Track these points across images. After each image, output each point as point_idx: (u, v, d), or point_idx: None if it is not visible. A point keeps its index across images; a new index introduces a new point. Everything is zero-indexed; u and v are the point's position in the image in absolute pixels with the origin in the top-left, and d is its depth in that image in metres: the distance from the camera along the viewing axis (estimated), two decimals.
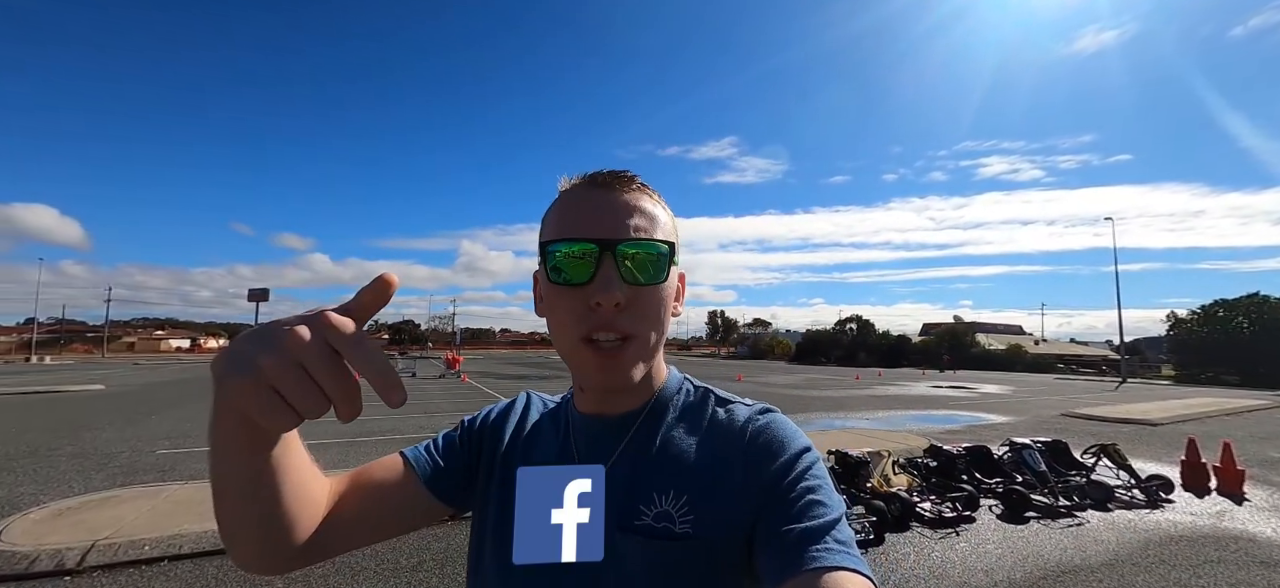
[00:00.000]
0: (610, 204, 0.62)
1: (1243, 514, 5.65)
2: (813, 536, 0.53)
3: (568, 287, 0.60)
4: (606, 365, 0.60)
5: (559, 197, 0.66)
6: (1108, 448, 6.44)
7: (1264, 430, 11.98)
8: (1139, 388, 28.27)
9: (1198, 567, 4.25)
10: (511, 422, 0.77)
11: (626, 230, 0.61)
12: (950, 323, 71.54)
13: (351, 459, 7.22)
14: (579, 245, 0.60)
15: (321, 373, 0.40)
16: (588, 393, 0.70)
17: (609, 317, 0.59)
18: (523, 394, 0.83)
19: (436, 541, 4.35)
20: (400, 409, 3.34)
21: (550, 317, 0.64)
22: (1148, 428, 11.93)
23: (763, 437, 0.63)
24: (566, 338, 0.62)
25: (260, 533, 0.55)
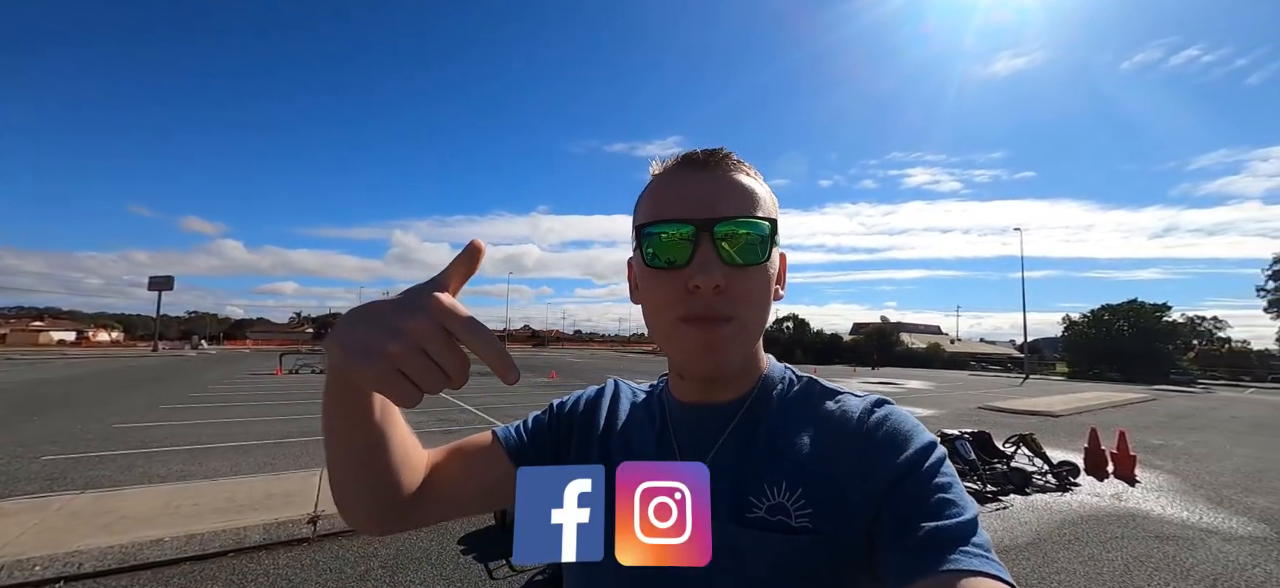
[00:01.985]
0: (707, 183, 0.59)
1: (1136, 495, 6.33)
2: (949, 536, 0.49)
3: (664, 269, 0.58)
4: (707, 344, 0.57)
5: (652, 180, 0.64)
6: (1026, 438, 7.02)
7: (1145, 421, 13.54)
8: (1039, 383, 31.19)
9: (1105, 543, 4.71)
10: (603, 409, 0.74)
11: (725, 209, 0.57)
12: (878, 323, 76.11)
13: (274, 458, 6.67)
14: (675, 227, 0.57)
15: (442, 355, 0.43)
16: (687, 381, 0.66)
17: (708, 300, 0.56)
18: (611, 381, 0.80)
19: (385, 547, 4.09)
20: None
21: (646, 302, 0.62)
22: (1051, 419, 13.17)
23: (883, 429, 0.59)
24: (663, 322, 0.60)
25: (371, 496, 0.60)
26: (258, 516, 4.37)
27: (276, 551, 3.96)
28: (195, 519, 4.26)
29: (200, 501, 4.72)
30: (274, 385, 16.91)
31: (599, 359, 44.22)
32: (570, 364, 33.49)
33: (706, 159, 0.61)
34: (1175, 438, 10.88)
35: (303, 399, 13.35)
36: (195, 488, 5.19)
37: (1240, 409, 17.90)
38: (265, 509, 4.52)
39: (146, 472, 6.09)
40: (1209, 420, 14.28)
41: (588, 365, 32.74)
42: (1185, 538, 4.89)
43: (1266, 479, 7.35)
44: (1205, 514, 5.64)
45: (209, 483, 5.39)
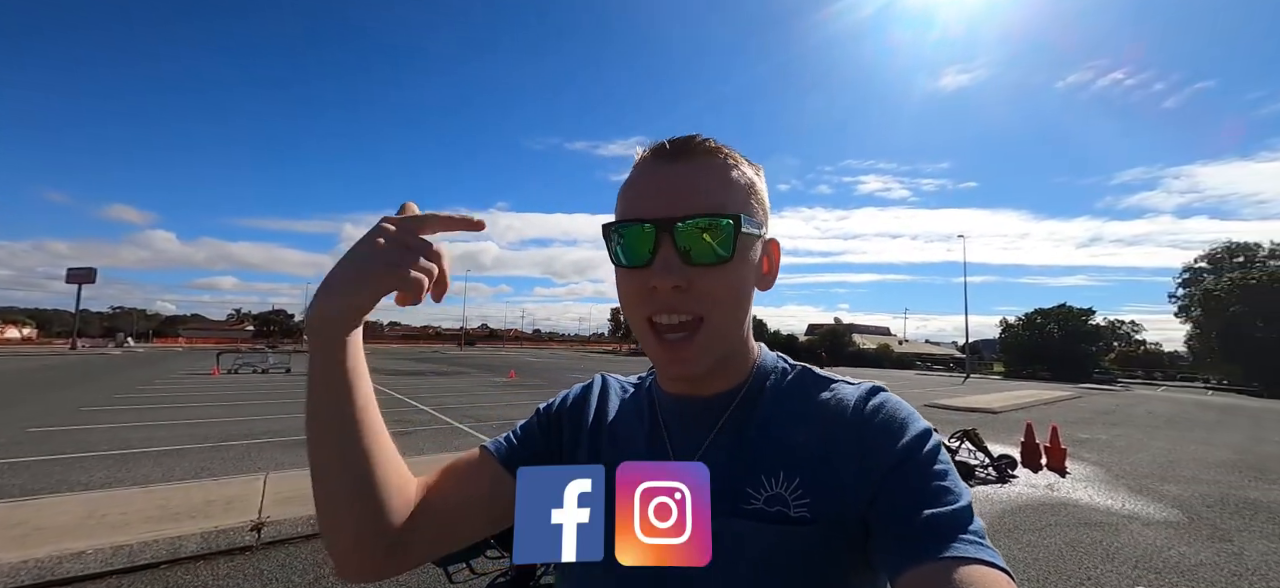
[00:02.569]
0: (673, 178, 0.58)
1: (1067, 485, 6.77)
2: (946, 522, 0.49)
3: (629, 269, 0.58)
4: (674, 357, 0.58)
5: (630, 171, 0.63)
6: (969, 433, 7.40)
7: (1073, 416, 14.53)
8: (979, 382, 32.98)
9: (1041, 530, 5.02)
10: (591, 407, 0.73)
11: (686, 207, 0.56)
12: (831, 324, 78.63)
13: (211, 463, 6.27)
14: (636, 226, 0.57)
15: (419, 245, 0.53)
16: (663, 376, 0.68)
17: (670, 299, 0.56)
18: (598, 378, 0.78)
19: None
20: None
21: (620, 299, 0.62)
22: (990, 415, 13.95)
23: (880, 417, 0.58)
24: (634, 321, 0.60)
25: (361, 521, 0.56)
26: (195, 523, 4.09)
27: (216, 560, 3.71)
28: (122, 529, 3.95)
29: (128, 509, 4.38)
30: (211, 386, 15.91)
31: (559, 359, 43.79)
32: (529, 364, 33.01)
33: (678, 150, 0.59)
34: (1100, 432, 11.72)
35: (243, 400, 12.63)
36: (123, 496, 4.81)
37: (1154, 406, 19.46)
38: (203, 517, 4.24)
39: (66, 479, 5.60)
40: (1128, 416, 15.46)
41: (548, 365, 32.35)
42: (1110, 524, 5.27)
43: (1178, 469, 8.02)
44: (1127, 502, 6.09)
45: (139, 490, 5.01)
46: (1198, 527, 5.29)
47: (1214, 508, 5.97)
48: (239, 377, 19.24)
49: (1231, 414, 17.33)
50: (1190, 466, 8.30)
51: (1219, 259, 50.42)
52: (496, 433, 0.79)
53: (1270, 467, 8.47)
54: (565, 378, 22.14)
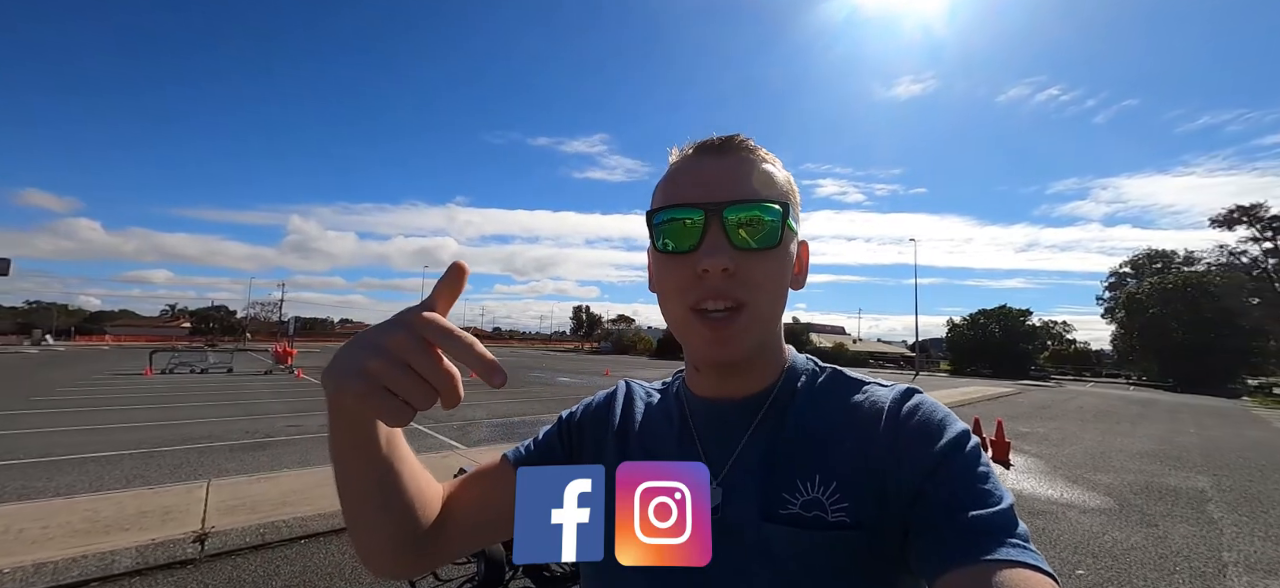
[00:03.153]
0: (719, 168, 0.59)
1: (1011, 476, 7.16)
2: (991, 525, 0.48)
3: (674, 255, 0.58)
4: (717, 337, 0.57)
5: (668, 168, 0.64)
6: None
7: (1014, 411, 15.39)
8: (927, 379, 34.54)
9: None
10: (616, 413, 0.72)
11: (734, 192, 0.57)
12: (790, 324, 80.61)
13: (146, 470, 5.84)
14: (683, 212, 0.58)
15: (426, 367, 0.43)
16: (704, 373, 0.65)
17: (718, 284, 0.56)
18: (622, 383, 0.77)
19: (288, 564, 3.70)
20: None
21: (659, 290, 0.62)
22: None
23: (917, 418, 0.57)
24: (675, 310, 0.60)
25: (390, 531, 0.58)
26: (128, 536, 3.79)
27: (154, 576, 3.45)
28: (44, 544, 3.61)
29: (50, 522, 4.02)
30: (144, 388, 14.85)
31: (521, 357, 43.13)
32: None
33: (722, 145, 0.61)
34: (1038, 426, 12.45)
35: (180, 403, 11.83)
36: (43, 508, 4.41)
37: (1084, 401, 20.84)
38: (138, 529, 3.93)
39: None
40: (1063, 410, 16.50)
41: (509, 363, 31.14)
42: (1051, 512, 5.60)
43: (1109, 460, 8.60)
44: (1065, 491, 6.49)
45: (62, 501, 4.60)
46: (1128, 513, 5.68)
47: (1140, 495, 6.43)
48: (175, 377, 18.02)
49: (1151, 408, 18.75)
50: (1118, 456, 8.92)
51: (1140, 265, 54.47)
52: (459, 434, 0.76)
53: (1186, 457, 9.20)
54: (527, 377, 21.82)
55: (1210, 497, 6.50)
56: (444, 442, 8.08)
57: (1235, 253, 41.66)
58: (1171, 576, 4.11)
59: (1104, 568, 4.22)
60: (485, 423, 10.09)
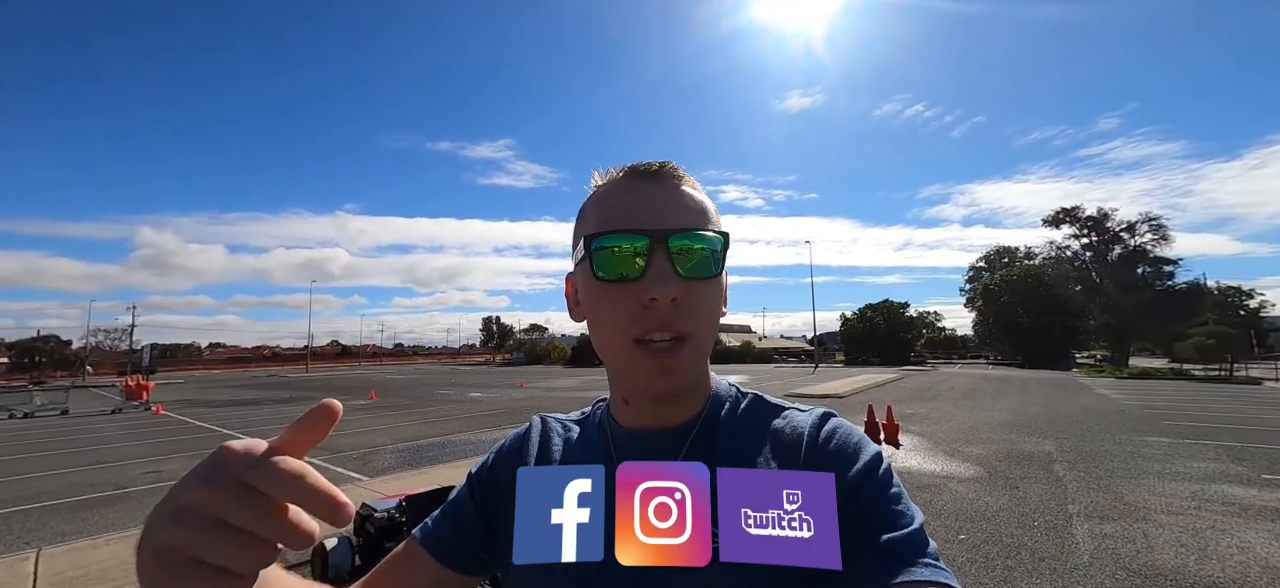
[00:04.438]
0: (658, 194, 0.58)
1: (901, 456, 7.89)
2: (901, 546, 0.51)
3: (616, 283, 0.55)
4: (661, 369, 0.55)
5: (597, 190, 0.62)
6: None
7: (899, 396, 17.02)
8: (826, 370, 37.35)
9: None
10: (531, 455, 0.67)
11: (679, 220, 0.56)
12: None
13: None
14: (628, 239, 0.55)
15: (248, 519, 0.33)
16: (634, 404, 0.62)
17: (665, 315, 0.54)
18: (536, 419, 0.71)
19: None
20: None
21: (594, 319, 0.59)
22: (839, 400, 15.83)
23: (833, 443, 0.59)
24: (614, 341, 0.56)
25: None
26: None
27: None
28: None
29: None
30: None
31: (427, 374, 40.71)
32: (392, 382, 30.19)
33: (657, 171, 0.59)
34: (920, 407, 13.88)
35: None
36: None
37: (956, 382, 23.58)
38: None
39: None
40: (938, 391, 18.54)
41: (414, 381, 29.85)
42: (934, 485, 6.24)
43: (977, 433, 9.77)
44: (945, 464, 7.27)
45: None
46: (995, 480, 6.48)
47: (1003, 462, 7.37)
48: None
49: (1006, 384, 21.64)
50: (984, 429, 10.17)
51: (992, 260, 62.96)
52: (360, 464, 0.64)
53: (1035, 424, 10.70)
54: (434, 394, 20.62)
55: (1056, 458, 7.59)
56: (343, 474, 7.38)
57: (1062, 248, 49.29)
58: (1031, 530, 4.73)
59: (979, 530, 4.76)
60: (389, 449, 9.37)
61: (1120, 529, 4.73)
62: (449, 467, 7.24)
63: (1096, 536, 4.59)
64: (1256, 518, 4.96)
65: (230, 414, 15.62)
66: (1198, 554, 4.16)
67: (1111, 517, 5.06)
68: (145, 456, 9.38)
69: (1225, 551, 4.22)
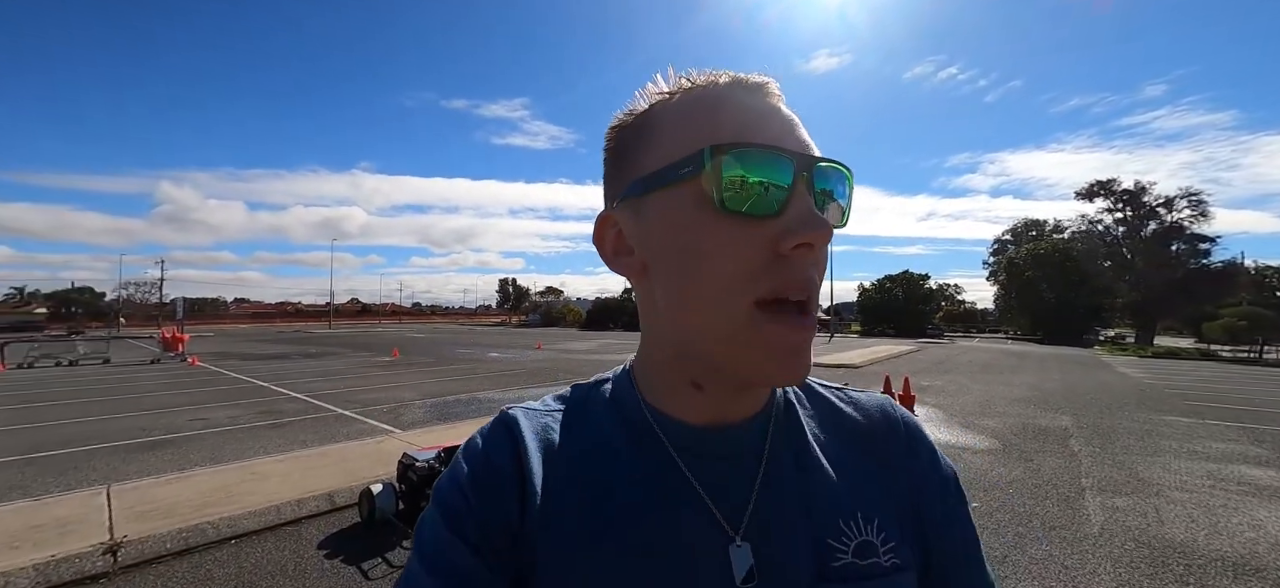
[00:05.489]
0: (788, 114, 0.43)
1: None
2: (980, 572, 0.51)
3: (743, 218, 0.38)
4: (797, 348, 0.40)
5: (696, 91, 0.43)
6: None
7: (916, 367, 17.02)
8: (841, 340, 37.33)
9: None
10: (534, 482, 0.45)
11: (815, 148, 0.42)
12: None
13: (24, 479, 5.17)
14: (772, 159, 0.38)
15: None
16: (713, 391, 0.45)
17: (805, 270, 0.39)
18: (513, 420, 0.49)
19: (222, 567, 3.48)
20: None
21: (694, 268, 0.40)
22: (854, 370, 15.93)
23: (910, 437, 0.53)
24: (729, 302, 0.39)
25: None
26: (21, 555, 3.39)
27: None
28: None
29: None
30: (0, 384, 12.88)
31: (445, 333, 41.55)
32: (413, 340, 30.97)
33: (767, 86, 0.43)
34: (936, 379, 13.92)
35: (49, 400, 10.41)
36: None
37: (973, 356, 23.44)
38: (31, 546, 3.52)
39: None
40: (955, 364, 18.50)
41: (434, 340, 30.57)
42: (950, 456, 6.29)
43: (993, 406, 9.83)
44: (960, 436, 7.39)
45: None
46: (1009, 452, 6.58)
47: (1019, 435, 7.45)
48: (37, 372, 15.74)
49: (1024, 360, 21.46)
50: (1001, 403, 10.22)
51: (1019, 233, 61.60)
52: (391, 417, 0.47)
53: (1052, 400, 10.70)
54: (454, 354, 21.14)
55: (1072, 433, 7.65)
56: (377, 427, 7.75)
57: (1093, 221, 47.98)
58: (1044, 501, 4.86)
59: (993, 499, 4.90)
60: (417, 404, 9.76)
61: (1132, 503, 4.83)
62: (475, 423, 7.53)
63: (1108, 508, 4.70)
64: (1272, 498, 5.01)
65: (262, 367, 16.26)
66: (1208, 530, 4.25)
67: (1124, 492, 5.15)
68: (189, 403, 9.90)
69: (1236, 527, 4.30)
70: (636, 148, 0.44)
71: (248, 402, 10.00)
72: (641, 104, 0.45)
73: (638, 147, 0.43)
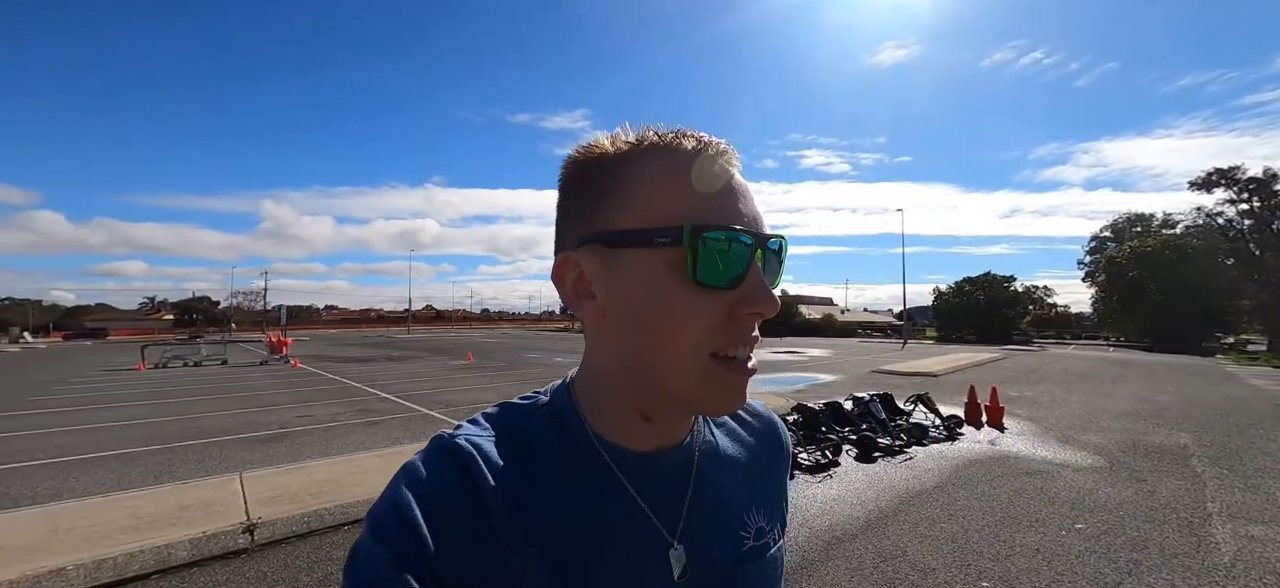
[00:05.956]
0: (745, 188, 0.48)
1: (1007, 440, 7.51)
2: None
3: (710, 288, 0.44)
4: (741, 389, 0.48)
5: (661, 153, 0.47)
6: (922, 397, 8.04)
7: (1002, 376, 15.89)
8: (915, 347, 35.32)
9: (991, 481, 5.58)
10: (489, 509, 0.45)
11: (764, 225, 0.49)
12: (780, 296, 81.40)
13: (170, 466, 5.92)
14: (742, 239, 0.45)
15: None
16: (660, 422, 0.51)
17: (752, 328, 0.47)
18: (445, 453, 0.48)
19: (344, 550, 3.85)
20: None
21: (660, 326, 0.45)
22: (932, 379, 15.05)
23: (781, 436, 0.65)
24: (689, 353, 0.45)
25: None
26: (178, 530, 3.91)
27: (211, 567, 3.59)
28: (99, 541, 3.72)
29: (96, 520, 4.12)
30: (140, 382, 14.75)
31: (513, 338, 43.20)
32: (484, 345, 32.42)
33: (728, 151, 0.49)
34: (1027, 390, 12.93)
35: (180, 397, 11.81)
36: (85, 506, 4.51)
37: (1068, 364, 21.55)
38: (185, 523, 4.05)
39: (6, 492, 5.16)
40: (1047, 374, 17.08)
41: (503, 345, 31.88)
42: (1046, 472, 5.93)
43: (1095, 420, 9.02)
44: (1058, 452, 6.85)
45: (101, 499, 4.69)
46: (1117, 470, 6.03)
47: (1128, 453, 6.81)
48: (169, 372, 17.89)
49: (1130, 368, 19.47)
50: (1104, 416, 9.36)
51: (1120, 229, 55.89)
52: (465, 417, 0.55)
53: (1167, 414, 9.67)
54: (524, 358, 21.94)
55: (1192, 452, 6.90)
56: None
57: (1212, 215, 42.74)
58: (1162, 526, 4.43)
59: (1100, 521, 4.53)
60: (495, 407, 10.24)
61: (1272, 533, 4.31)
62: None
63: (1241, 537, 4.23)
64: None
65: (353, 369, 17.62)
66: None
67: (1261, 519, 4.61)
68: (295, 401, 10.92)
69: None
70: (605, 197, 0.47)
71: (345, 401, 10.89)
72: (607, 147, 0.48)
73: (607, 197, 0.47)
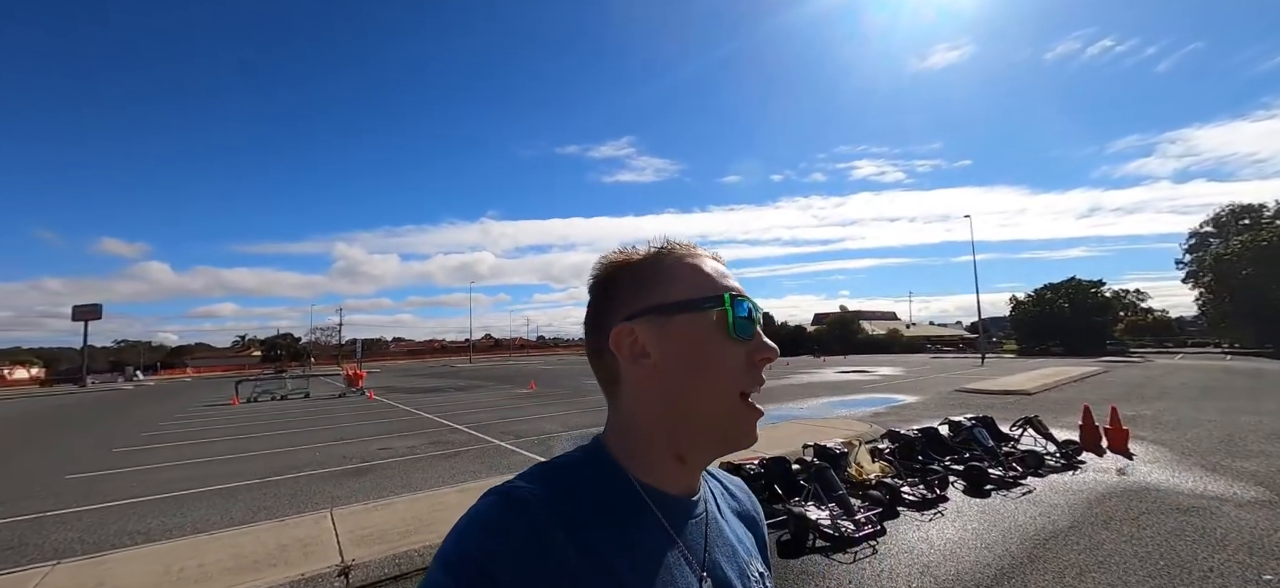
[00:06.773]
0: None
1: (1139, 468, 6.60)
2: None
3: (739, 341, 0.60)
4: (755, 427, 0.62)
5: (685, 254, 0.65)
6: (1032, 420, 7.24)
7: (1108, 393, 14.33)
8: (995, 362, 32.83)
9: (1135, 519, 4.85)
10: (560, 557, 0.51)
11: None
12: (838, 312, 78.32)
13: (266, 501, 6.11)
14: (752, 307, 0.62)
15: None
16: (692, 462, 0.62)
17: (763, 371, 0.62)
18: (510, 503, 0.52)
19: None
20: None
21: (703, 374, 0.59)
22: (1026, 397, 13.79)
23: (759, 510, 0.75)
24: (723, 396, 0.59)
25: None
26: (277, 572, 3.94)
27: None
28: (205, 582, 3.80)
29: (204, 559, 4.23)
30: (235, 417, 15.77)
31: (569, 364, 43.62)
32: (544, 372, 32.85)
33: (722, 256, 0.69)
34: (1142, 408, 11.55)
35: (271, 430, 12.47)
36: (193, 544, 4.67)
37: (1184, 376, 19.27)
38: (284, 564, 4.09)
39: (124, 529, 5.46)
40: (1162, 388, 15.29)
41: (561, 372, 32.17)
42: (1203, 508, 5.11)
43: (1243, 443, 7.85)
44: (1207, 483, 5.93)
45: (207, 537, 4.86)
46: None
47: None
48: (259, 405, 19.10)
49: (1261, 379, 17.18)
50: (1252, 438, 8.14)
51: (1225, 222, 50.02)
52: (541, 448, 0.57)
53: None
54: (583, 385, 21.96)
55: None
56: (529, 457, 8.16)
57: None
58: None
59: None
60: (563, 436, 10.17)
61: None
62: None
63: None
64: None
65: (424, 400, 18.17)
66: None
67: None
68: (375, 434, 11.27)
69: None
70: (649, 283, 0.61)
71: (420, 433, 11.13)
72: (638, 253, 0.65)
73: (651, 283, 0.61)
